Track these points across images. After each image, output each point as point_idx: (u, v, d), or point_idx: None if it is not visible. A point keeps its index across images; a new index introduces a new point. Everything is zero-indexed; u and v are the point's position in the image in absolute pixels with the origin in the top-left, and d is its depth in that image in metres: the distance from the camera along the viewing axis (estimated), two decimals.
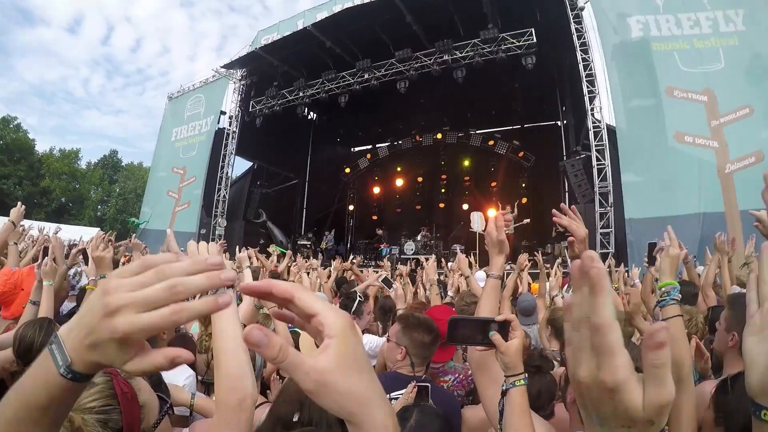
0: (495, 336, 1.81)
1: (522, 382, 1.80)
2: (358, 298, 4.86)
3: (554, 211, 2.41)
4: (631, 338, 3.94)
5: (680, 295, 2.26)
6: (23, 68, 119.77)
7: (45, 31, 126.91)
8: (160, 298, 0.70)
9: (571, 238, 2.38)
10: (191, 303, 0.72)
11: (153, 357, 0.74)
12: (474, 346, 2.01)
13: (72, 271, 5.22)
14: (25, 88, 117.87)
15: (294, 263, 9.29)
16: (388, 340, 3.21)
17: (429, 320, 3.18)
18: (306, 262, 10.24)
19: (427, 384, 2.77)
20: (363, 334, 4.57)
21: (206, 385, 3.48)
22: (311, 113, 25.54)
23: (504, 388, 1.81)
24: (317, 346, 0.70)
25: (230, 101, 23.31)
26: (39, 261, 3.80)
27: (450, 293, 6.81)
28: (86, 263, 5.19)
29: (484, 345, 1.87)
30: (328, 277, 8.31)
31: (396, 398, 2.69)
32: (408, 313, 3.53)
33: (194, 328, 4.47)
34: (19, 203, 4.62)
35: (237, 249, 7.83)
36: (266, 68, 21.54)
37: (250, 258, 9.64)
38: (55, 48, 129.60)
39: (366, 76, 19.31)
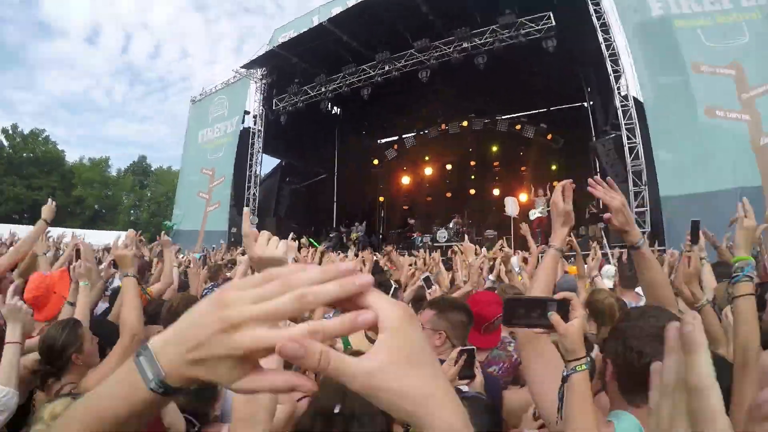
0: (554, 317, 1.68)
1: (584, 366, 1.66)
2: (394, 286, 4.80)
3: (590, 180, 2.25)
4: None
5: (755, 272, 2.16)
6: (47, 81, 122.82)
7: (64, 43, 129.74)
8: (288, 309, 0.62)
9: (607, 215, 2.21)
10: (329, 322, 0.63)
11: (272, 379, 0.65)
12: (532, 328, 1.83)
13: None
14: (50, 101, 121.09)
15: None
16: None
17: (459, 300, 3.12)
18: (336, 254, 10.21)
19: (472, 347, 2.56)
20: None
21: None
22: (335, 108, 25.56)
23: (565, 373, 1.67)
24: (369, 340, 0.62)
25: (253, 101, 23.56)
26: (72, 263, 3.82)
27: (491, 277, 6.67)
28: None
29: (543, 327, 1.73)
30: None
31: None
32: (438, 297, 3.46)
33: None
34: (49, 200, 4.65)
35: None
36: (286, 66, 21.69)
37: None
38: (75, 59, 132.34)
39: (387, 67, 19.24)
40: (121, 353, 2.66)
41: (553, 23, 15.92)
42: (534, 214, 17.77)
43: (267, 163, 25.09)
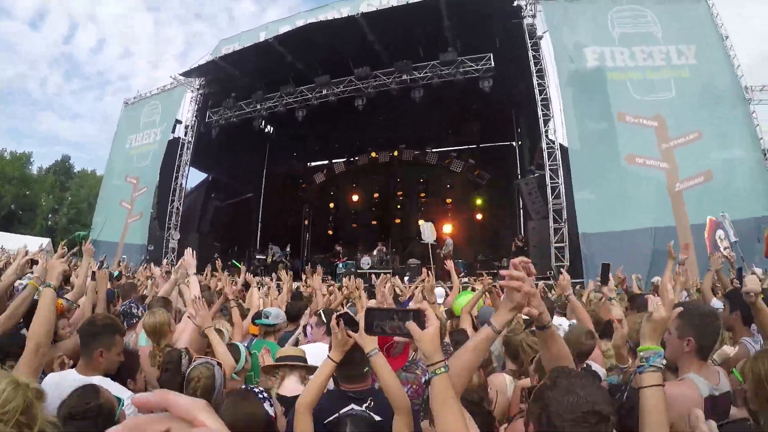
0: (411, 325, 1.80)
1: (443, 370, 1.77)
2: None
3: (502, 273, 1.99)
4: (588, 356, 3.90)
5: (664, 361, 2.08)
6: None
7: (7, 24, 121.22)
8: None
9: (526, 309, 1.95)
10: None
11: None
12: (392, 336, 1.99)
13: (21, 282, 5.03)
14: None
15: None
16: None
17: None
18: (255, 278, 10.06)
19: (346, 311, 2.69)
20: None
21: None
22: (268, 126, 25.26)
23: (427, 377, 1.79)
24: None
25: (187, 110, 22.82)
26: None
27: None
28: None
29: (402, 335, 1.86)
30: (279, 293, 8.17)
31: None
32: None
33: (142, 340, 4.42)
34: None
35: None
36: (225, 79, 21.33)
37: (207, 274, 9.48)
38: (15, 43, 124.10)
39: (324, 91, 19.32)
40: (24, 365, 2.56)
41: (492, 64, 16.75)
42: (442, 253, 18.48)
43: (192, 177, 24.45)
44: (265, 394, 2.64)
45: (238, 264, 19.50)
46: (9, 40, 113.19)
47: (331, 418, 2.60)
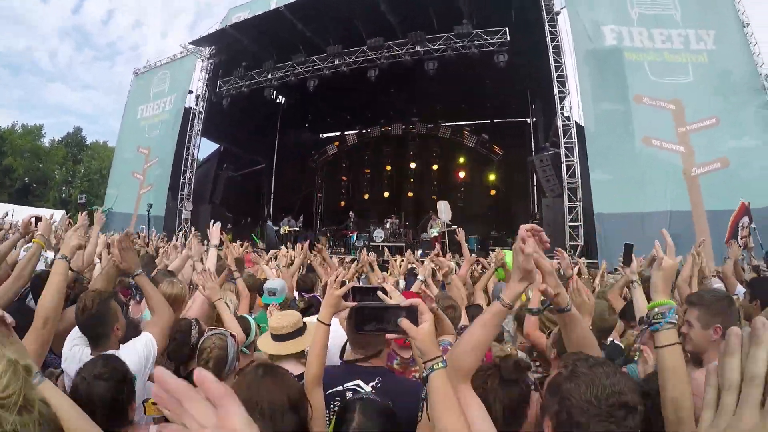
0: (404, 322, 1.71)
1: (441, 365, 1.67)
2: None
3: (523, 228, 1.85)
4: (611, 332, 3.89)
5: (677, 317, 1.95)
6: None
7: None
8: None
9: (543, 285, 1.90)
10: None
11: None
12: (385, 333, 1.87)
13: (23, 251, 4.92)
14: None
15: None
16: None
17: None
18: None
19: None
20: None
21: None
22: (279, 96, 24.82)
23: (424, 374, 1.68)
24: None
25: (197, 80, 22.63)
26: None
27: (420, 277, 6.67)
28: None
29: (395, 332, 1.78)
30: (291, 263, 8.08)
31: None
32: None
33: (146, 315, 4.32)
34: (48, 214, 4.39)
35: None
36: (235, 47, 21.04)
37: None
38: (24, 14, 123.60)
39: (336, 61, 19.02)
40: (31, 340, 2.48)
41: (508, 39, 16.34)
42: (432, 233, 18.31)
43: (205, 147, 24.35)
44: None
45: (257, 239, 19.58)
46: (17, 11, 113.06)
47: (334, 389, 2.56)
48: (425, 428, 1.76)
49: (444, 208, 17.02)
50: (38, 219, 4.22)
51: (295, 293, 5.87)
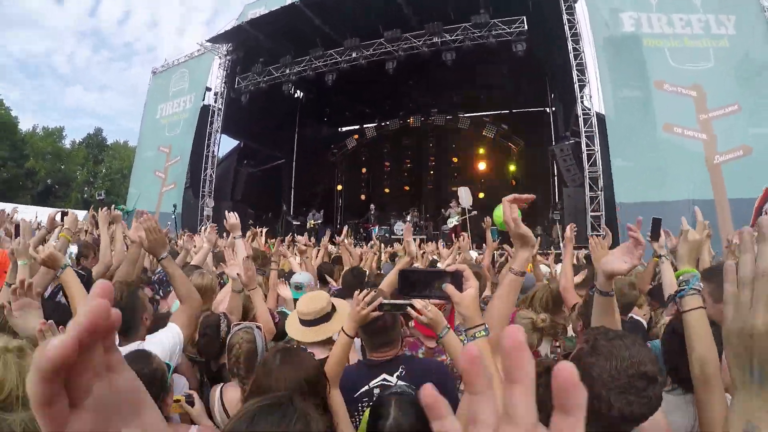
0: (448, 287, 1.71)
1: (483, 333, 1.73)
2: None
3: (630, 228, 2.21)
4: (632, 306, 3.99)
5: (701, 285, 2.10)
6: (8, 40, 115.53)
7: (32, 1, 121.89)
8: None
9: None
10: None
11: None
12: (428, 298, 1.94)
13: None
14: (8, 61, 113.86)
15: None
16: None
17: None
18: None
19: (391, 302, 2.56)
20: None
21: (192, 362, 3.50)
22: (298, 91, 24.99)
23: (464, 341, 1.74)
24: None
25: (216, 77, 22.81)
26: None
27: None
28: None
29: (439, 298, 1.80)
30: (316, 256, 8.14)
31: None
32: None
33: (175, 306, 4.36)
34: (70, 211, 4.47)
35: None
36: (252, 43, 21.16)
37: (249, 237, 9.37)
38: (40, 18, 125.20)
39: (354, 54, 18.99)
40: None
41: (525, 27, 16.14)
42: (451, 223, 18.49)
43: (225, 144, 24.44)
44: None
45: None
46: (34, 15, 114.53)
47: (362, 390, 2.56)
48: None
49: (465, 195, 16.93)
50: (64, 213, 4.28)
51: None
